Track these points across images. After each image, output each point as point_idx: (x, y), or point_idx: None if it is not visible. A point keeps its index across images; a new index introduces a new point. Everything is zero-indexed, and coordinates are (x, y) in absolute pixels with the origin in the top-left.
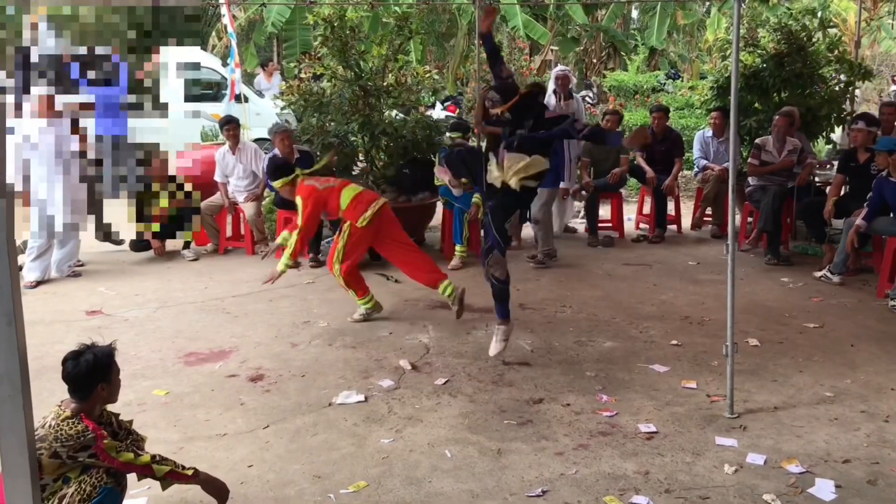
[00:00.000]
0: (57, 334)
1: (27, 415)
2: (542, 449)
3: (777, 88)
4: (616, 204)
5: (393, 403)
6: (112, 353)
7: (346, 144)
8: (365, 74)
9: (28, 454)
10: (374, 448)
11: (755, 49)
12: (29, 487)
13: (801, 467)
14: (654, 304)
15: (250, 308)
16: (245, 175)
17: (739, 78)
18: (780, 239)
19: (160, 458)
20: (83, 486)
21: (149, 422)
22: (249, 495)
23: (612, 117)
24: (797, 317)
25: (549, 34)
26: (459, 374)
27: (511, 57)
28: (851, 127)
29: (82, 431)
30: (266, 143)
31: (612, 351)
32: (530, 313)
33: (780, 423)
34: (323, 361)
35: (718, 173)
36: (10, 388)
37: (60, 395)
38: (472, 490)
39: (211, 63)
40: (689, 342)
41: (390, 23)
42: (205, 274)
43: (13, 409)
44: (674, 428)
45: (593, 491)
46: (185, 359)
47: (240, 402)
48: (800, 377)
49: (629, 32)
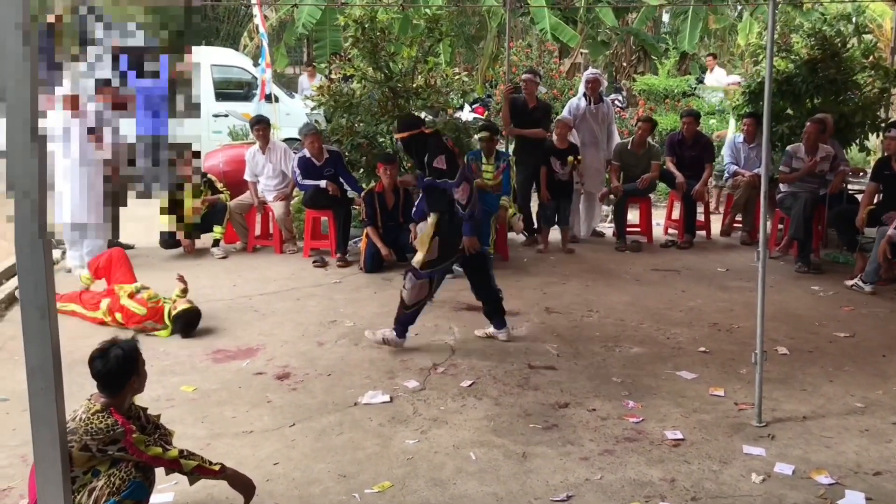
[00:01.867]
0: (87, 329)
1: (59, 407)
2: (568, 454)
3: (810, 94)
4: (645, 208)
5: (418, 404)
6: (137, 345)
7: (375, 145)
8: (395, 76)
9: (59, 446)
10: (398, 449)
11: (788, 54)
12: (60, 478)
13: (831, 478)
14: (682, 310)
15: (278, 306)
16: (274, 174)
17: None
18: (811, 247)
19: (188, 452)
20: (112, 479)
21: (176, 417)
22: (275, 493)
23: (644, 125)
24: (827, 326)
25: (578, 37)
26: (485, 376)
27: (540, 60)
28: (885, 134)
29: (112, 425)
30: (296, 142)
31: (639, 357)
32: (556, 317)
33: (809, 433)
34: (349, 361)
35: (749, 179)
36: (43, 380)
37: (89, 389)
38: (496, 493)
39: (242, 63)
40: (718, 349)
41: (420, 24)
42: (233, 272)
43: (46, 401)
44: (701, 435)
45: (619, 497)
46: (212, 356)
47: (266, 400)
48: (830, 387)
49: (660, 36)
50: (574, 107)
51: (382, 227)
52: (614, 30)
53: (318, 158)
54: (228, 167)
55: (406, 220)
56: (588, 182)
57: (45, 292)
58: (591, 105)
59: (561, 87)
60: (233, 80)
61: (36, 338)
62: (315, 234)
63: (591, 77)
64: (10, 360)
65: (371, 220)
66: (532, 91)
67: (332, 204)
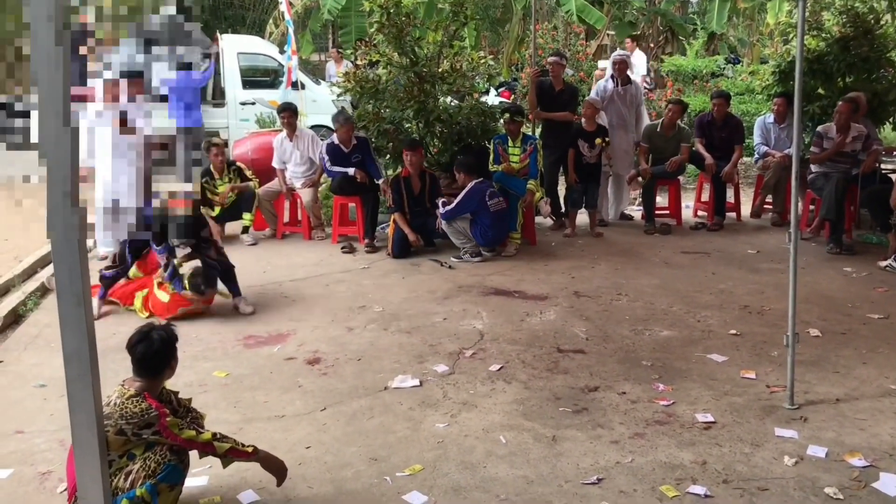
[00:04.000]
0: (121, 317)
1: (95, 392)
2: (598, 437)
3: (842, 73)
4: (674, 191)
5: (448, 388)
6: (174, 330)
7: (401, 131)
8: (420, 61)
9: (97, 430)
10: (429, 432)
11: (819, 33)
12: (98, 462)
13: (865, 461)
14: (712, 292)
15: (307, 292)
16: (302, 161)
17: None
18: (844, 227)
19: (221, 435)
20: (148, 462)
21: (209, 402)
22: (307, 476)
23: (674, 107)
24: (860, 307)
25: (605, 18)
26: (514, 360)
27: (567, 42)
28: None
29: (146, 409)
30: (322, 129)
31: (669, 340)
32: (585, 301)
33: (843, 416)
34: (378, 346)
35: (779, 160)
36: (80, 366)
37: (124, 375)
38: (526, 476)
39: (268, 50)
40: (749, 332)
41: (445, 9)
42: (263, 258)
43: (82, 387)
44: (732, 418)
45: (649, 480)
46: (244, 341)
47: (297, 385)
48: (863, 369)
49: (688, 16)
50: (602, 88)
51: (409, 212)
52: (641, 10)
53: (346, 145)
54: (256, 155)
55: (432, 206)
56: (617, 164)
57: (80, 280)
58: (619, 87)
59: (587, 70)
60: (259, 67)
61: (72, 325)
62: (343, 221)
63: (618, 58)
64: (46, 347)
65: (398, 206)
66: (558, 74)
67: (359, 190)
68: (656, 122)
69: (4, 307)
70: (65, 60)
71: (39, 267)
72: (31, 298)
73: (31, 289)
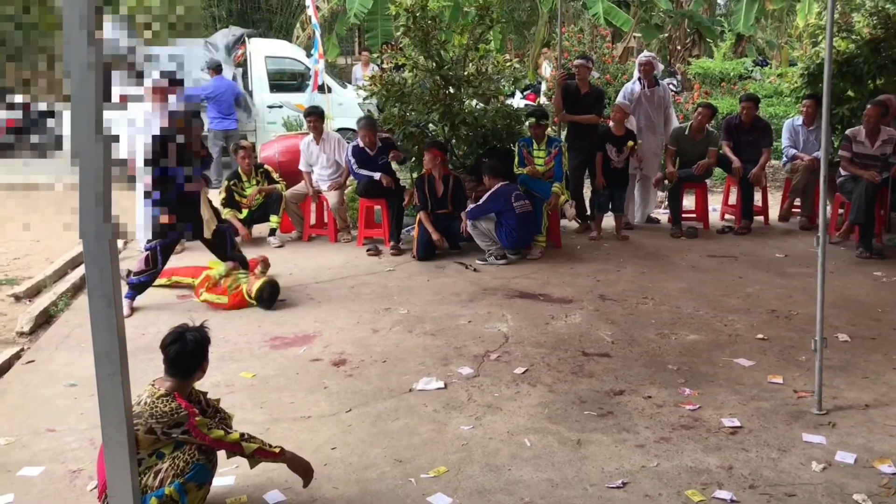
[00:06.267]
0: (150, 317)
1: (125, 392)
2: (623, 441)
3: (872, 75)
4: (701, 194)
5: (472, 391)
6: (208, 332)
7: (427, 134)
8: (446, 64)
9: (126, 429)
10: (453, 434)
11: (849, 34)
12: (127, 460)
13: (895, 467)
14: (739, 296)
15: (333, 294)
16: (328, 164)
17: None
18: (873, 231)
19: (248, 436)
20: (177, 461)
21: (236, 403)
22: (333, 476)
23: (704, 110)
24: (891, 312)
25: (632, 21)
26: (538, 363)
27: (593, 44)
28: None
29: (176, 409)
30: (349, 133)
31: (696, 344)
32: (611, 304)
33: (872, 422)
34: (403, 348)
35: (808, 163)
36: (110, 366)
37: (152, 375)
38: (551, 479)
39: (295, 54)
40: (776, 336)
41: (471, 12)
42: (289, 260)
43: (113, 386)
44: (759, 423)
45: (675, 484)
46: (270, 343)
47: (323, 386)
48: (893, 375)
49: (715, 18)
50: (629, 91)
51: (433, 214)
52: (668, 13)
53: (371, 148)
54: (284, 157)
55: (456, 208)
56: (644, 166)
57: (111, 282)
58: (646, 89)
59: (614, 72)
60: (286, 71)
61: (103, 325)
62: (369, 223)
63: (644, 59)
64: (77, 346)
65: (423, 204)
66: (584, 76)
67: (385, 193)
68: (685, 125)
69: (36, 308)
70: (98, 62)
71: (70, 268)
72: (62, 299)
73: (62, 289)
